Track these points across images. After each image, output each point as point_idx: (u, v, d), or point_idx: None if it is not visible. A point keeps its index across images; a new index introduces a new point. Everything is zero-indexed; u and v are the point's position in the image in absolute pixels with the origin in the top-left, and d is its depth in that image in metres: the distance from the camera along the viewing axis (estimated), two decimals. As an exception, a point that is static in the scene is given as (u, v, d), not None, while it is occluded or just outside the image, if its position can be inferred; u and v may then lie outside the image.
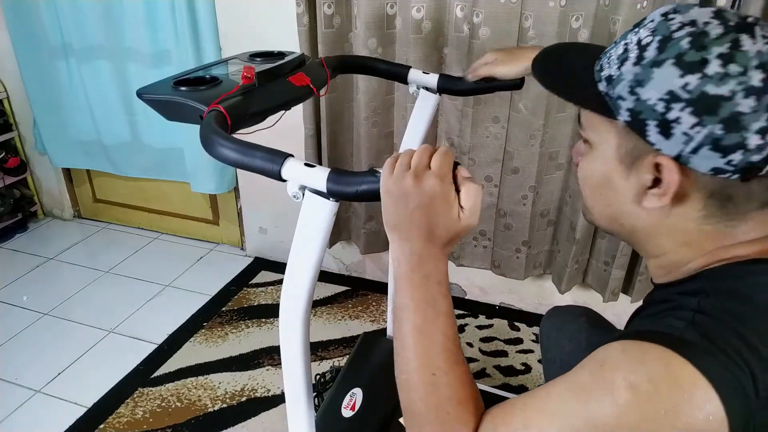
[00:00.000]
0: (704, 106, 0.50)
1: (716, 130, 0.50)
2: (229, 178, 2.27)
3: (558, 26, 1.53)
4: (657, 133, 0.53)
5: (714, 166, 0.52)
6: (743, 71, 0.49)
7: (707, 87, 0.50)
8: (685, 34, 0.52)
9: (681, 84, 0.51)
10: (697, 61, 0.50)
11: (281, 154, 0.69)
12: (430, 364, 0.60)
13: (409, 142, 1.25)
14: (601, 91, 0.58)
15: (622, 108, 0.56)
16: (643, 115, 0.54)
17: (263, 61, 1.03)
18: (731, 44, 0.50)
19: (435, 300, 0.61)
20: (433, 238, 0.60)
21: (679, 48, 0.52)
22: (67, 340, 1.93)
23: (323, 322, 2.01)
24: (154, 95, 0.89)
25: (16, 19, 2.25)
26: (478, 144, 1.74)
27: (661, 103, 0.52)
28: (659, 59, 0.53)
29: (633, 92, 0.54)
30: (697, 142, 0.51)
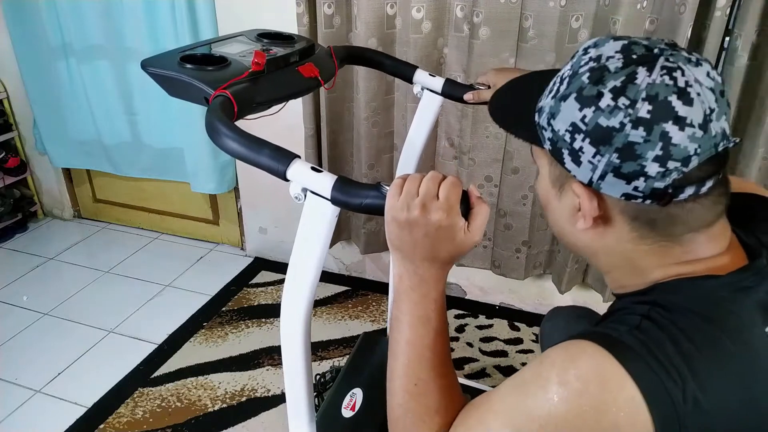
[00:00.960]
0: (599, 136, 0.53)
1: (614, 158, 0.53)
2: (229, 178, 2.27)
3: (558, 26, 1.53)
4: (570, 161, 0.57)
5: (623, 192, 0.55)
6: (631, 103, 0.52)
7: (600, 119, 0.53)
8: (586, 69, 0.55)
9: (580, 117, 0.54)
10: (593, 95, 0.53)
11: (289, 154, 0.68)
12: (413, 374, 0.63)
13: (411, 143, 1.25)
14: (535, 121, 0.62)
15: (545, 137, 0.59)
16: (559, 144, 0.57)
17: (271, 43, 1.00)
18: (625, 78, 0.52)
19: (429, 317, 0.64)
20: (437, 260, 0.63)
21: (581, 83, 0.55)
22: (67, 340, 1.93)
23: (323, 322, 2.01)
24: (159, 69, 0.87)
25: (16, 19, 2.25)
26: (478, 144, 1.74)
27: (567, 134, 0.56)
28: (566, 93, 0.56)
29: (549, 123, 0.58)
30: (601, 170, 0.54)
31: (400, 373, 0.65)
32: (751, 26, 1.40)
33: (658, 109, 0.51)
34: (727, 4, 1.37)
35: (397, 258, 0.65)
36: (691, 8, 1.38)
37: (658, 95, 0.51)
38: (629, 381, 0.49)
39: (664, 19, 1.46)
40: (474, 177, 1.78)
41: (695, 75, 0.52)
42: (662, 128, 0.51)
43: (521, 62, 1.61)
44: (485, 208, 0.63)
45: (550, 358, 0.54)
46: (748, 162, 1.52)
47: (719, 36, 1.42)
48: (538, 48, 1.57)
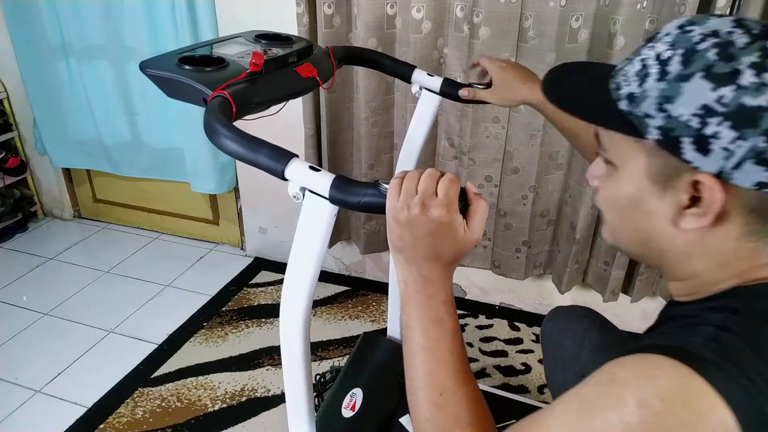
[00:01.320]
0: (744, 118, 0.48)
1: (759, 143, 0.48)
2: (229, 178, 2.27)
3: (558, 26, 1.53)
4: (693, 150, 0.50)
5: (758, 180, 0.49)
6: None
7: (744, 98, 0.47)
8: (710, 45, 0.50)
9: (715, 97, 0.48)
10: (729, 72, 0.48)
11: (287, 153, 0.68)
12: (437, 383, 0.60)
13: (411, 142, 1.25)
14: (623, 110, 0.55)
15: (651, 126, 0.53)
16: (675, 132, 0.51)
17: (269, 44, 1.00)
18: (761, 53, 0.48)
19: (441, 319, 0.62)
20: (439, 259, 0.62)
21: (707, 60, 0.49)
22: (67, 340, 1.93)
23: (323, 322, 2.01)
24: (157, 71, 0.87)
25: (16, 19, 2.25)
26: (478, 144, 1.74)
27: (695, 118, 0.49)
28: (686, 73, 0.50)
29: (662, 109, 0.51)
30: (740, 156, 0.48)
31: (421, 384, 0.61)
32: (751, 26, 1.39)
33: None
34: (727, 4, 1.37)
35: (400, 262, 0.64)
36: (691, 8, 1.38)
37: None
38: (716, 398, 0.44)
39: (664, 19, 1.46)
40: (474, 177, 1.78)
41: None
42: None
43: (521, 62, 1.61)
44: (483, 204, 0.62)
45: (622, 375, 0.48)
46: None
47: (719, 36, 1.42)
48: (538, 48, 1.57)
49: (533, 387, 1.71)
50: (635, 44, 1.51)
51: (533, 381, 1.74)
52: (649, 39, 0.57)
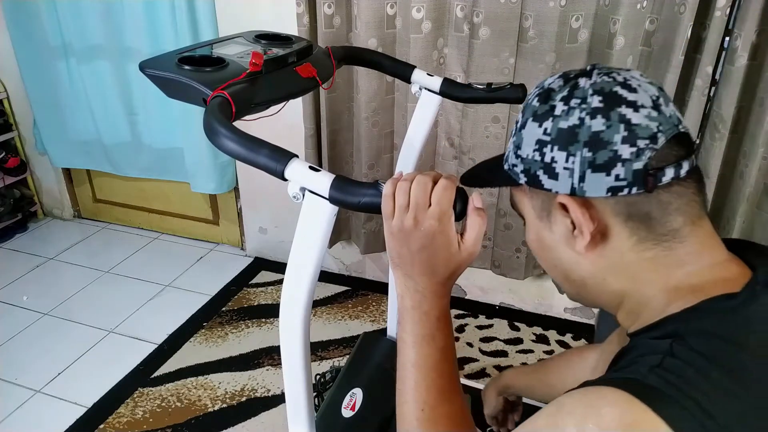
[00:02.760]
0: (565, 138, 0.55)
1: (585, 153, 0.54)
2: (229, 178, 2.27)
3: (558, 26, 1.53)
4: (548, 179, 0.57)
5: (607, 186, 0.55)
6: (582, 100, 0.55)
7: (560, 124, 0.56)
8: (534, 96, 0.60)
9: (542, 131, 0.57)
10: (547, 109, 0.57)
11: (286, 153, 0.68)
12: (420, 399, 0.63)
13: (410, 142, 1.25)
14: (505, 169, 0.64)
15: (518, 173, 0.61)
16: (532, 170, 0.59)
17: (269, 44, 1.00)
18: (570, 88, 0.57)
19: (433, 336, 0.64)
20: (435, 274, 0.63)
21: (533, 107, 0.59)
22: (67, 340, 1.93)
23: (323, 322, 2.01)
24: (157, 71, 0.87)
25: (16, 19, 2.25)
26: (478, 144, 1.74)
27: (536, 153, 0.58)
28: (523, 122, 0.60)
29: (517, 155, 0.60)
30: (579, 170, 0.55)
31: (408, 397, 0.64)
32: (751, 26, 1.39)
33: (608, 98, 0.55)
34: (727, 4, 1.37)
35: (398, 276, 0.65)
36: (691, 8, 1.38)
37: (603, 88, 0.55)
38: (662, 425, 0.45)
39: (664, 19, 1.46)
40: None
41: (631, 75, 0.57)
42: (618, 112, 0.54)
43: (521, 62, 1.61)
44: (479, 221, 0.62)
45: (567, 406, 0.50)
46: (748, 162, 1.52)
47: (719, 36, 1.42)
48: (538, 48, 1.57)
49: (533, 387, 1.71)
50: (635, 44, 1.51)
51: (533, 381, 1.73)
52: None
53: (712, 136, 1.55)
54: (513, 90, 1.12)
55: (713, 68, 1.46)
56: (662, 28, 1.47)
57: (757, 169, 1.53)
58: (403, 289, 0.65)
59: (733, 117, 1.51)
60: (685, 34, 1.41)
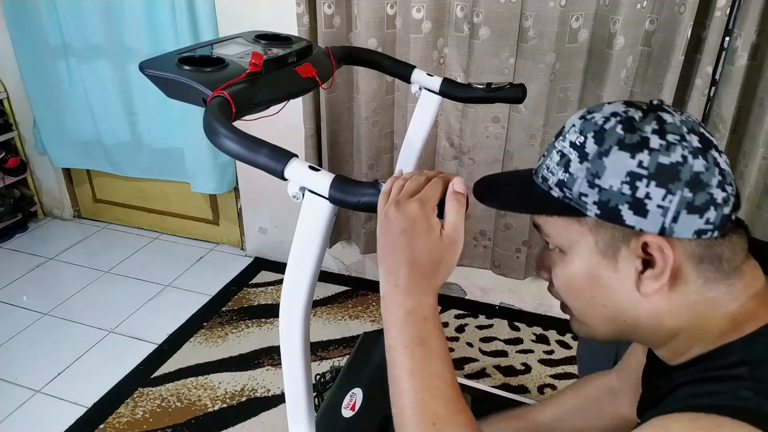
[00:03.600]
0: (666, 175, 0.52)
1: (686, 193, 0.52)
2: (229, 178, 2.27)
3: (558, 26, 1.53)
4: (633, 215, 0.54)
5: (696, 228, 0.53)
6: (681, 137, 0.53)
7: (660, 158, 0.52)
8: (614, 123, 0.55)
9: (636, 163, 0.53)
10: (638, 140, 0.53)
11: (286, 153, 0.68)
12: (428, 412, 0.56)
13: (410, 142, 1.25)
14: (556, 197, 0.58)
15: (588, 203, 0.55)
16: (612, 202, 0.54)
17: (269, 44, 1.00)
18: (656, 120, 0.54)
19: (423, 339, 0.58)
20: (416, 263, 0.58)
21: (617, 135, 0.54)
22: (67, 340, 1.93)
23: (323, 322, 2.01)
24: (157, 71, 0.87)
25: (16, 19, 2.25)
26: (478, 144, 1.74)
27: (625, 185, 0.53)
28: (603, 149, 0.54)
29: (593, 185, 0.55)
30: (674, 210, 0.52)
31: (410, 414, 0.56)
32: (751, 26, 1.39)
33: (702, 139, 0.53)
34: (727, 4, 1.37)
35: (381, 274, 0.61)
36: (691, 8, 1.38)
37: (694, 128, 0.54)
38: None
39: (664, 18, 1.46)
40: (474, 177, 1.78)
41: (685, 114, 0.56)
42: (712, 155, 0.53)
43: (521, 62, 1.61)
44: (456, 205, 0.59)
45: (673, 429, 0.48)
46: (748, 162, 1.52)
47: (719, 36, 1.42)
48: (538, 48, 1.57)
49: (533, 387, 1.71)
50: (635, 44, 1.51)
51: (533, 381, 1.73)
52: (556, 135, 0.61)
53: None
54: (512, 90, 1.12)
55: (713, 68, 1.46)
56: (662, 28, 1.47)
57: (757, 169, 1.53)
58: (385, 288, 0.60)
59: (733, 117, 1.51)
60: (685, 34, 1.41)
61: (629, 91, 1.59)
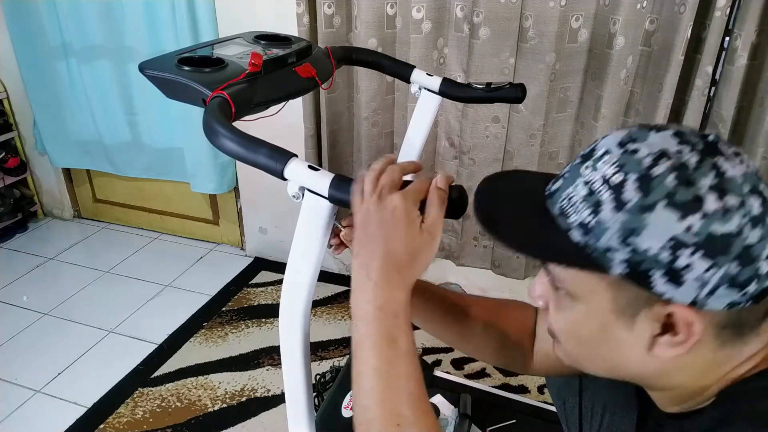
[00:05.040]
0: (716, 247, 0.45)
1: (732, 268, 0.45)
2: (229, 178, 2.27)
3: (558, 26, 1.53)
4: (665, 283, 0.46)
5: (730, 301, 0.47)
6: (742, 201, 0.45)
7: (713, 226, 0.44)
8: (666, 169, 0.46)
9: (683, 227, 0.45)
10: (692, 199, 0.45)
11: (286, 153, 0.68)
12: (393, 412, 0.53)
13: (410, 142, 1.25)
14: (577, 242, 0.50)
15: (615, 260, 0.48)
16: (644, 266, 0.47)
17: (268, 44, 1.00)
18: (715, 172, 0.45)
19: (393, 337, 0.55)
20: (391, 255, 0.56)
21: (667, 187, 0.45)
22: (67, 340, 1.93)
23: (323, 322, 2.00)
24: (156, 72, 0.87)
25: (16, 19, 2.25)
26: (478, 144, 1.74)
27: (664, 252, 0.45)
28: (648, 203, 0.46)
29: (626, 242, 0.47)
30: (713, 284, 0.46)
31: (375, 413, 0.54)
32: (751, 26, 1.39)
33: (763, 201, 0.46)
34: (727, 4, 1.37)
35: (354, 267, 0.59)
36: (691, 8, 1.38)
37: (755, 186, 0.46)
38: None
39: (664, 18, 1.46)
40: (474, 177, 1.78)
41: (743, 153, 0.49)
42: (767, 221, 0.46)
43: (521, 62, 1.61)
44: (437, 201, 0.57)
45: None
46: (748, 162, 1.52)
47: (719, 36, 1.42)
48: (538, 48, 1.57)
49: (533, 387, 1.71)
50: (635, 44, 1.51)
51: (533, 381, 1.73)
52: (584, 156, 0.52)
53: (712, 136, 1.54)
54: (512, 89, 1.11)
55: (713, 68, 1.46)
56: (662, 28, 1.47)
57: (757, 169, 1.52)
58: (356, 280, 0.58)
59: (733, 117, 1.51)
60: (685, 34, 1.41)
61: (629, 91, 1.59)
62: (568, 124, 1.70)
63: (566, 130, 1.71)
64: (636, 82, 1.58)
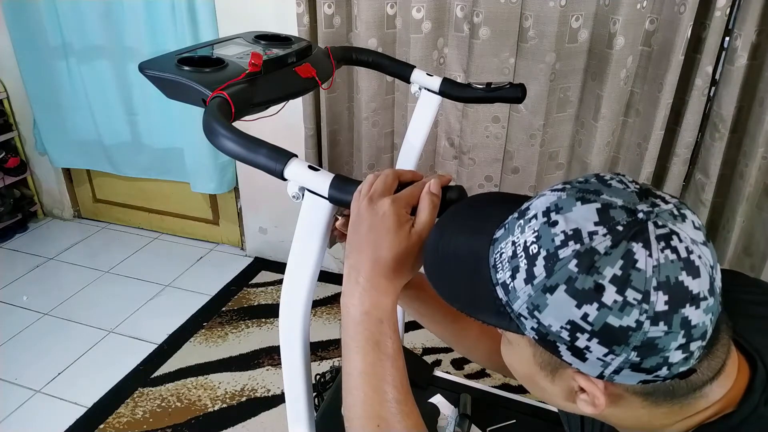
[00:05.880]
0: (611, 337, 0.44)
1: (632, 357, 0.45)
2: (229, 178, 2.27)
3: (558, 26, 1.53)
4: (571, 356, 0.47)
5: (641, 379, 0.47)
6: (644, 297, 0.43)
7: (609, 318, 0.44)
8: (571, 253, 0.44)
9: (580, 315, 0.44)
10: (591, 288, 0.44)
11: (286, 153, 0.68)
12: (374, 413, 0.57)
13: (410, 142, 1.25)
14: (501, 298, 0.49)
15: (527, 326, 0.48)
16: (550, 338, 0.47)
17: (268, 44, 1.00)
18: (623, 262, 0.43)
19: (377, 341, 0.57)
20: (380, 263, 0.57)
21: (569, 272, 0.44)
22: (67, 340, 1.93)
23: (323, 322, 2.00)
24: (156, 72, 0.87)
25: (16, 19, 2.25)
26: (478, 144, 1.74)
27: (564, 331, 0.46)
28: (550, 284, 0.45)
29: (533, 315, 0.47)
30: (616, 366, 0.46)
31: (358, 412, 0.57)
32: (751, 26, 1.39)
33: (674, 296, 0.43)
34: (727, 4, 1.37)
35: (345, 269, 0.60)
36: (691, 8, 1.38)
37: (669, 279, 0.43)
38: None
39: (664, 18, 1.46)
40: (474, 177, 1.78)
41: (688, 234, 0.45)
42: (681, 315, 0.44)
43: (521, 62, 1.61)
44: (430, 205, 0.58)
45: None
46: (747, 161, 1.52)
47: (719, 36, 1.42)
48: (538, 48, 1.57)
49: (533, 387, 1.71)
50: (635, 44, 1.51)
51: (533, 381, 1.73)
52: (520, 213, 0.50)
53: (712, 136, 1.55)
54: (512, 90, 1.11)
55: (713, 68, 1.46)
56: (662, 28, 1.47)
57: (757, 169, 1.53)
58: (345, 284, 0.60)
59: (733, 117, 1.51)
60: (685, 34, 1.41)
61: (629, 91, 1.59)
62: (568, 124, 1.70)
63: (566, 130, 1.71)
64: (636, 82, 1.58)
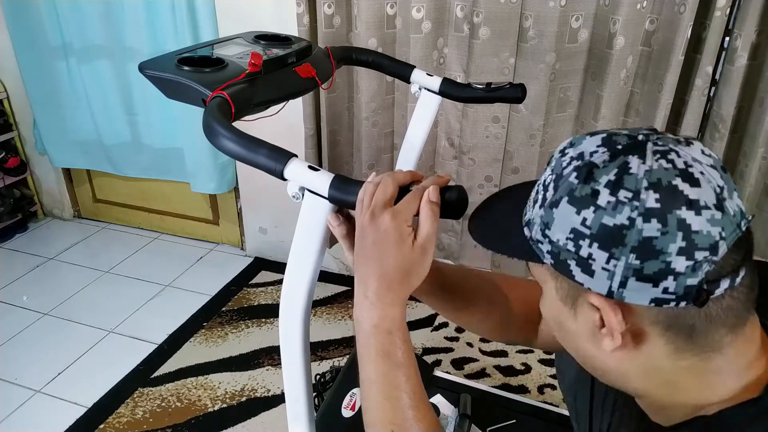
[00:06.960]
0: (608, 238, 0.47)
1: (632, 260, 0.46)
2: (229, 178, 2.27)
3: (558, 26, 1.53)
4: (581, 272, 0.49)
5: (651, 297, 0.47)
6: (634, 195, 0.46)
7: (604, 218, 0.47)
8: (572, 169, 0.50)
9: (579, 221, 0.48)
10: (588, 194, 0.48)
11: (286, 153, 0.68)
12: (386, 419, 0.60)
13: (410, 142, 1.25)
14: (526, 236, 0.54)
15: (543, 251, 0.52)
16: (562, 256, 0.50)
17: (268, 44, 1.00)
18: (618, 170, 0.47)
19: (387, 352, 0.60)
20: (385, 275, 0.59)
21: (570, 184, 0.49)
22: (67, 340, 1.93)
23: (323, 322, 2.01)
24: (156, 72, 0.87)
25: (16, 19, 2.25)
26: (478, 144, 1.74)
27: (570, 242, 0.49)
28: (555, 199, 0.50)
29: (545, 234, 0.51)
30: (620, 275, 0.47)
31: (375, 417, 0.60)
32: (751, 26, 1.40)
33: (666, 195, 0.45)
34: (727, 4, 1.37)
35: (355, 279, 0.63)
36: (691, 8, 1.38)
37: (660, 181, 0.46)
38: None
39: (664, 18, 1.46)
40: (474, 177, 1.78)
41: (691, 154, 0.47)
42: (677, 216, 0.45)
43: (521, 62, 1.61)
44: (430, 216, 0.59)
45: None
46: (747, 161, 1.52)
47: (719, 36, 1.42)
48: (538, 48, 1.57)
49: (533, 387, 1.71)
50: (635, 44, 1.51)
51: (533, 381, 1.73)
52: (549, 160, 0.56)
53: (712, 136, 1.55)
54: (512, 90, 1.11)
55: (713, 68, 1.46)
56: (662, 28, 1.47)
57: (757, 169, 1.53)
58: (356, 297, 0.62)
59: (733, 117, 1.51)
60: (685, 34, 1.41)
61: (629, 91, 1.59)
62: (568, 124, 1.70)
63: (566, 130, 1.71)
64: (636, 82, 1.58)
